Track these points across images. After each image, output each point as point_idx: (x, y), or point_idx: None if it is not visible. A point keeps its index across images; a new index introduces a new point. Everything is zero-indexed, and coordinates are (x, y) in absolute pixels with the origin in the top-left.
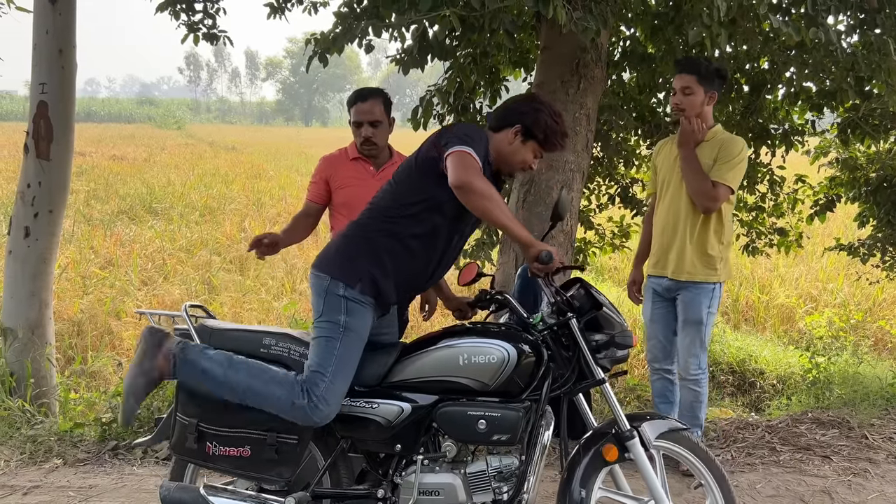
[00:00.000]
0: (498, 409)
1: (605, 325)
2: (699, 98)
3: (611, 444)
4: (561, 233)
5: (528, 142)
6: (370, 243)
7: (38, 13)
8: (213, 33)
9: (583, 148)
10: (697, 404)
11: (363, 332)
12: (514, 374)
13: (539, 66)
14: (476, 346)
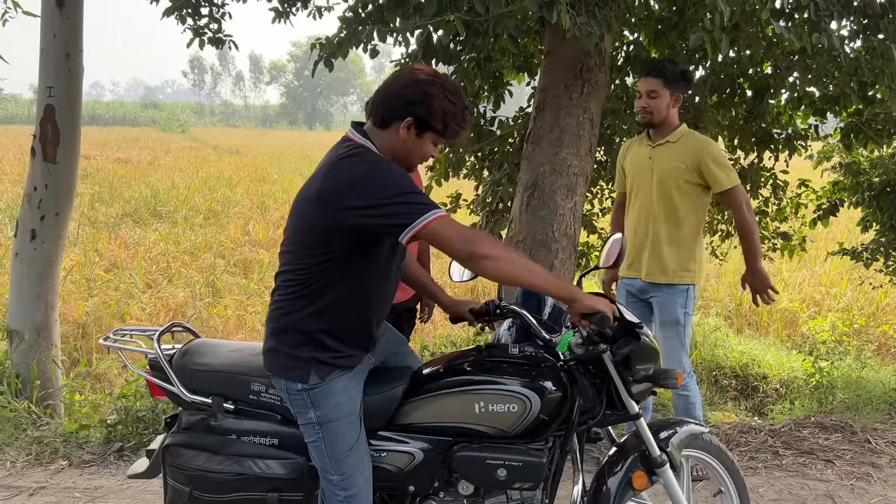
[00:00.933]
0: (519, 457)
1: (642, 358)
2: (665, 101)
3: (641, 472)
4: (565, 237)
5: (424, 134)
6: (299, 332)
7: (45, 17)
8: (218, 37)
9: (586, 152)
10: (691, 406)
11: (344, 407)
12: (539, 417)
13: (542, 71)
14: (494, 393)
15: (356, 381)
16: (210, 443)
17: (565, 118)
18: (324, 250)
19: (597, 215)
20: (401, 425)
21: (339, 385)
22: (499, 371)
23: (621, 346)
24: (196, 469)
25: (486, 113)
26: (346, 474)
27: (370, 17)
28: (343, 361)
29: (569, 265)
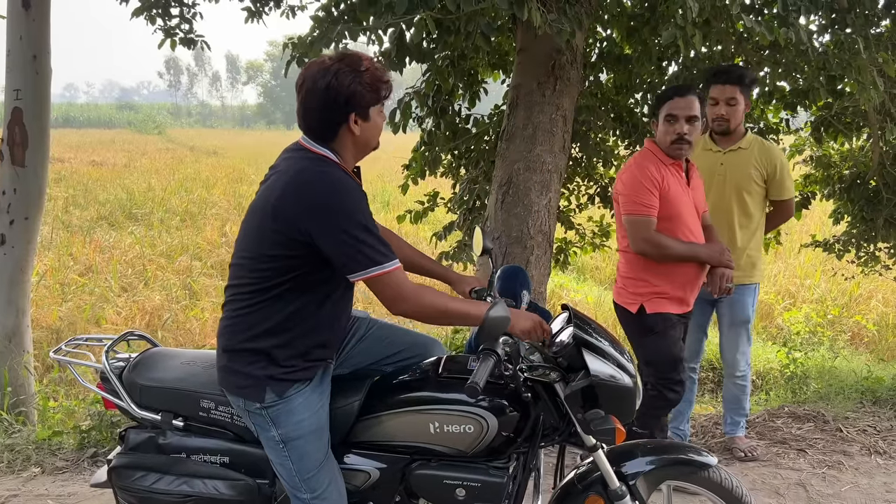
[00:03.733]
0: (478, 476)
1: (607, 397)
2: (742, 108)
3: (597, 497)
4: (540, 234)
5: (369, 113)
6: (252, 353)
7: (11, 19)
8: (190, 38)
9: (560, 149)
10: (743, 396)
11: (307, 423)
12: (498, 436)
13: (516, 69)
14: (448, 414)
15: (318, 392)
16: (158, 463)
17: (538, 115)
18: (277, 265)
19: (574, 211)
20: (357, 442)
21: (298, 401)
22: (455, 389)
23: (576, 379)
24: (145, 490)
25: (462, 111)
26: (318, 491)
27: (342, 16)
28: (300, 374)
29: (544, 261)
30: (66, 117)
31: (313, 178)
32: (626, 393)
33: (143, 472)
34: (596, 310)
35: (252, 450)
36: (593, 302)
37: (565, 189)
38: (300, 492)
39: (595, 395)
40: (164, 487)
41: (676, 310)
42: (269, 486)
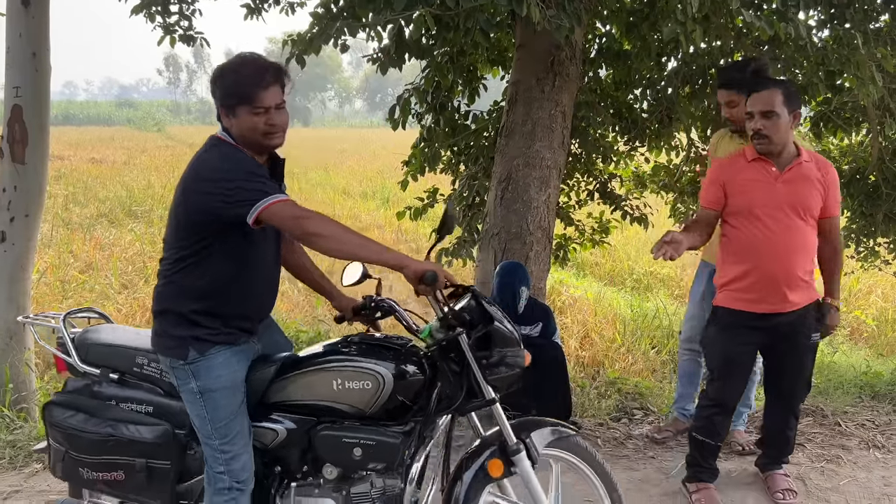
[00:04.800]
0: (374, 436)
1: (498, 342)
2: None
3: (496, 459)
4: (539, 229)
5: (238, 110)
6: (177, 315)
7: (10, 16)
8: (189, 35)
9: (559, 145)
10: (751, 384)
11: (224, 379)
12: (394, 397)
13: (515, 65)
14: (350, 370)
15: (238, 358)
16: (89, 406)
17: (537, 111)
18: (193, 237)
19: (573, 208)
20: (271, 403)
21: (219, 359)
22: (358, 351)
23: (478, 330)
24: (71, 428)
25: (461, 107)
26: (227, 438)
27: (342, 13)
28: (222, 338)
29: (544, 257)
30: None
31: (205, 153)
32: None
33: (73, 411)
34: (596, 306)
35: (175, 403)
36: (593, 298)
37: (565, 185)
38: (211, 439)
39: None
40: (91, 427)
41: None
42: (185, 436)
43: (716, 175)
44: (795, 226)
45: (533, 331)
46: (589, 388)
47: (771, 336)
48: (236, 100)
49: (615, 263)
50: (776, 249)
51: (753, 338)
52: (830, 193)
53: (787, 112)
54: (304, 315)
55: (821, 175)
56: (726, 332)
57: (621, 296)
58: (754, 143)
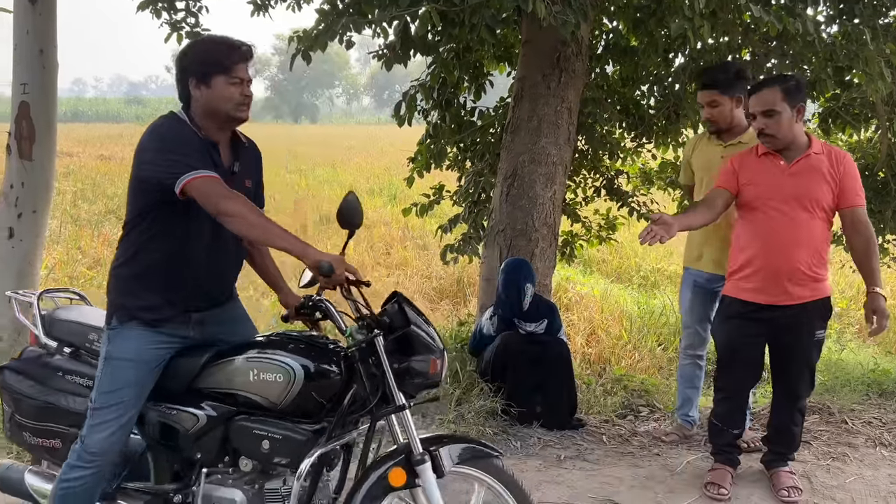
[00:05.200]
0: (282, 431)
1: (417, 348)
2: (727, 107)
3: (399, 469)
4: (545, 226)
5: (211, 81)
6: (115, 278)
7: (18, 13)
8: (196, 31)
9: (565, 141)
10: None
11: (131, 352)
12: (306, 394)
13: (521, 61)
14: (266, 362)
15: (157, 340)
16: (38, 374)
17: (543, 107)
18: (136, 211)
19: (580, 204)
20: (197, 389)
21: (134, 333)
22: (278, 346)
23: (395, 334)
24: (18, 392)
25: (467, 104)
26: (101, 406)
27: (348, 9)
28: (144, 315)
29: (549, 253)
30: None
31: (156, 125)
32: (435, 354)
33: (22, 376)
34: (602, 303)
35: None
36: (599, 295)
37: (571, 182)
38: (91, 401)
39: (411, 348)
40: (34, 393)
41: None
42: None
43: (733, 164)
44: (801, 219)
45: (538, 328)
46: (595, 385)
47: (772, 328)
48: (214, 68)
49: (622, 260)
50: (778, 242)
51: (755, 328)
52: (846, 184)
53: (788, 108)
54: None
55: (832, 167)
56: (730, 322)
57: (628, 293)
58: (761, 141)
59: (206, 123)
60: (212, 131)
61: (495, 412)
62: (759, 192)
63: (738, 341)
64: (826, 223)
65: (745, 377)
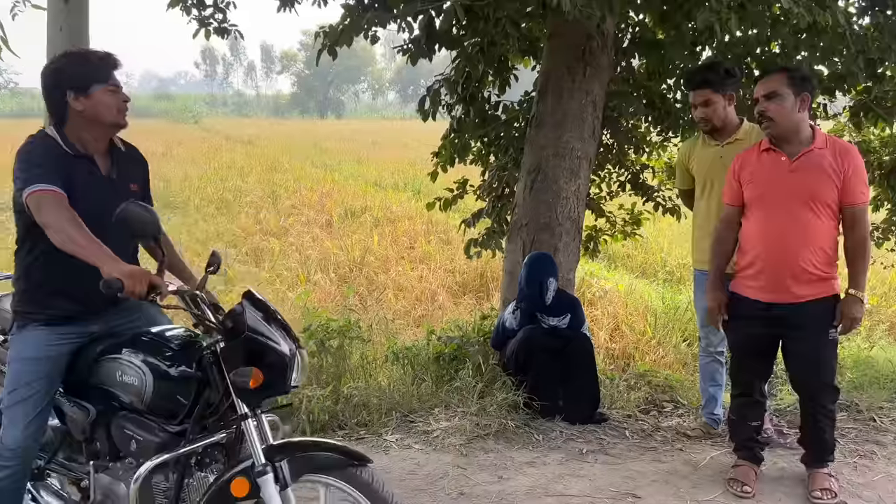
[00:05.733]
0: (146, 432)
1: (259, 356)
2: (720, 105)
3: (242, 478)
4: (568, 220)
5: (90, 91)
6: (16, 291)
7: (51, 10)
8: (223, 27)
9: (589, 135)
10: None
11: (28, 352)
12: (165, 394)
13: (545, 54)
14: (126, 363)
15: (54, 337)
16: None
17: (568, 101)
18: (23, 228)
19: (604, 199)
20: (87, 383)
21: (31, 335)
22: (141, 345)
23: (234, 340)
24: None
25: (491, 98)
26: (10, 405)
27: (373, 4)
28: (38, 316)
29: (573, 248)
30: None
31: (20, 147)
32: (279, 358)
33: None
34: (626, 298)
35: None
36: (624, 290)
37: (596, 176)
38: (1, 402)
39: (253, 356)
40: None
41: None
42: None
43: (732, 170)
44: (804, 217)
45: (561, 322)
46: (618, 380)
47: (778, 327)
48: (91, 80)
49: (648, 255)
50: (780, 241)
51: (761, 326)
52: (849, 181)
53: (791, 94)
54: (335, 304)
55: (836, 162)
56: (737, 319)
57: (653, 288)
58: (762, 127)
59: (85, 135)
60: (90, 143)
61: (517, 405)
62: (760, 190)
63: (745, 339)
64: (832, 220)
65: (756, 373)
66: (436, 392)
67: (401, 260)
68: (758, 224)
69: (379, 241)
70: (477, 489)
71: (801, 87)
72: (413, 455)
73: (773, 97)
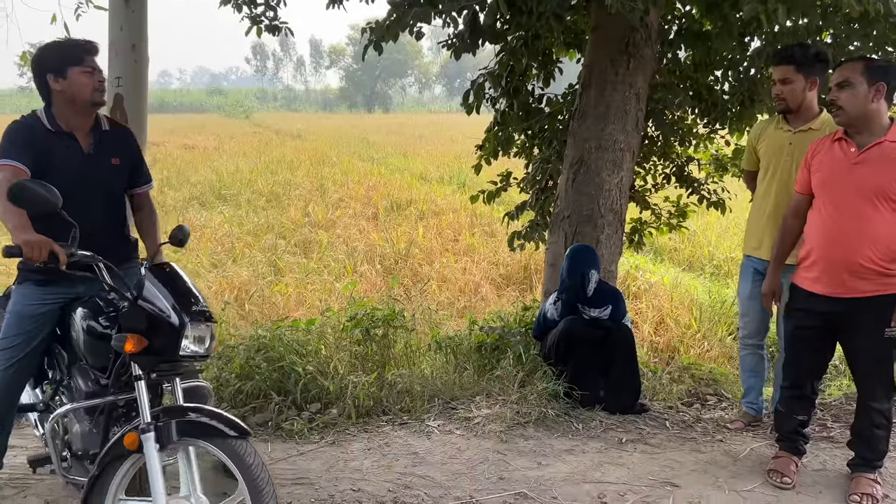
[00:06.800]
0: (80, 379)
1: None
2: (799, 86)
3: (133, 433)
4: (611, 212)
5: (67, 73)
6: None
7: (113, 11)
8: (274, 24)
9: (633, 127)
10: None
11: (17, 306)
12: (94, 352)
13: (589, 47)
14: (75, 320)
15: (45, 295)
16: None
17: (611, 94)
18: None
19: (649, 191)
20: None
21: (24, 290)
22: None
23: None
24: None
25: (535, 91)
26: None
27: (418, 0)
28: (34, 276)
29: (615, 240)
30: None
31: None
32: (167, 327)
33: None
34: (672, 291)
35: None
36: (669, 283)
37: (641, 168)
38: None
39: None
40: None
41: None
42: None
43: (806, 157)
44: (865, 211)
45: (602, 313)
46: (661, 372)
47: (834, 321)
48: (68, 62)
49: (695, 249)
50: (836, 233)
51: (814, 319)
52: None
53: (866, 83)
54: (380, 295)
55: None
56: (795, 312)
57: (699, 281)
58: (832, 115)
59: (67, 113)
60: (72, 121)
61: (558, 395)
62: (823, 179)
63: (799, 331)
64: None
65: (808, 367)
66: (477, 381)
67: (445, 252)
68: (818, 214)
69: (424, 234)
70: (516, 474)
71: (876, 77)
72: (454, 440)
73: (845, 86)
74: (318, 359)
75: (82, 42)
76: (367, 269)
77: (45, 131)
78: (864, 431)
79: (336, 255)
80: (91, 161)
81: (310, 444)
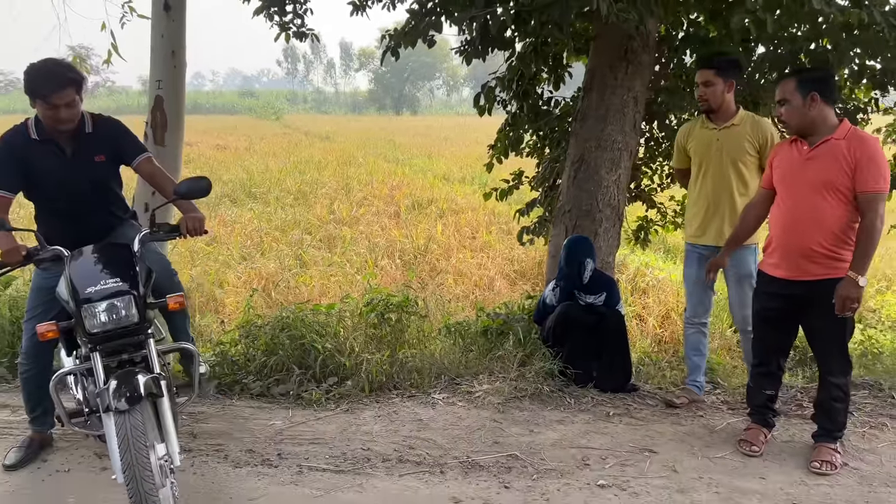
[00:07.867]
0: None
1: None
2: (719, 89)
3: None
4: (608, 207)
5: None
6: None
7: (154, 19)
8: (302, 31)
9: (630, 128)
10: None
11: (34, 284)
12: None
13: (592, 53)
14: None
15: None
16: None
17: (611, 97)
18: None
19: (655, 190)
20: None
21: (36, 271)
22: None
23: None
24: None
25: (545, 94)
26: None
27: (435, 9)
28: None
29: (613, 234)
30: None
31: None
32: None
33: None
34: (679, 287)
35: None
36: (677, 279)
37: (647, 168)
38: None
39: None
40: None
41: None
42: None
43: (770, 157)
44: (815, 201)
45: (597, 299)
46: (661, 361)
47: (794, 303)
48: (35, 94)
49: None
50: (792, 222)
51: (777, 301)
52: (860, 170)
53: (799, 96)
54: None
55: (849, 152)
56: (760, 295)
57: None
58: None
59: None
60: (53, 131)
61: (554, 374)
62: (782, 174)
63: (764, 312)
64: (845, 205)
65: (773, 345)
66: (481, 360)
67: (462, 248)
68: (777, 207)
69: (442, 231)
70: (509, 440)
71: (808, 88)
72: (456, 410)
73: (783, 103)
74: (336, 338)
75: (53, 76)
76: (388, 263)
77: (28, 141)
78: (824, 404)
79: (358, 250)
80: (72, 164)
81: (326, 411)
